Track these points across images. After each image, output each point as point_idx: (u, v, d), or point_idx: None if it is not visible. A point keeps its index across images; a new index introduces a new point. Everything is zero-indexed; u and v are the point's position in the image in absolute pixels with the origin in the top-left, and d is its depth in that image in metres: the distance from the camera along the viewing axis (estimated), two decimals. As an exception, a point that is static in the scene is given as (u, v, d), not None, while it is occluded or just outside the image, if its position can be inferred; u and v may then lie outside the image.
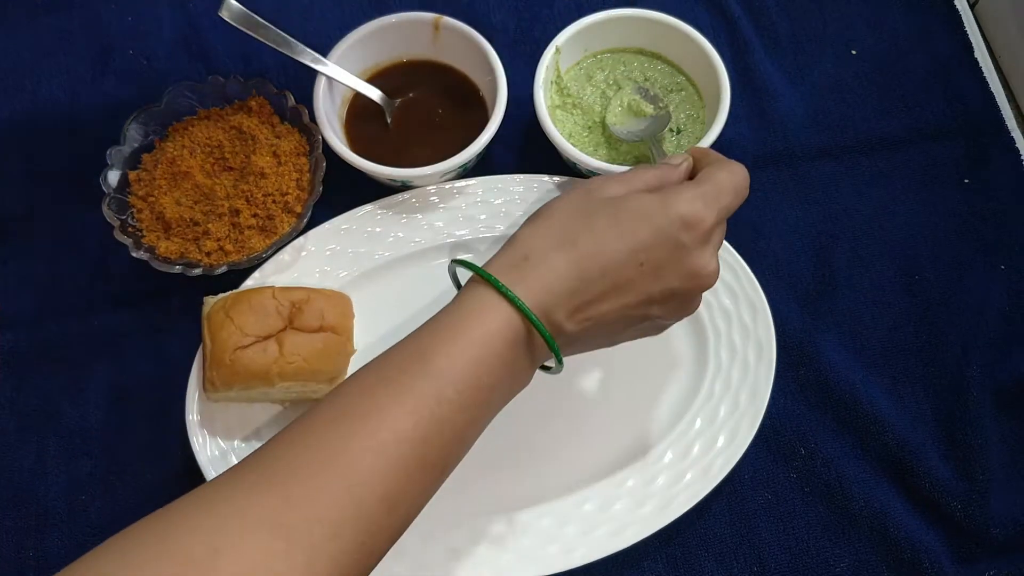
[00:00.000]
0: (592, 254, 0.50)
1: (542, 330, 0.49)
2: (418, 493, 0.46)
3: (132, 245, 0.64)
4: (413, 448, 0.45)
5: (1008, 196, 0.74)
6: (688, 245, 0.50)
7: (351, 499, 0.43)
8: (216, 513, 0.41)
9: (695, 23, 0.77)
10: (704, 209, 0.51)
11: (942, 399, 0.67)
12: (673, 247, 0.50)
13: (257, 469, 0.44)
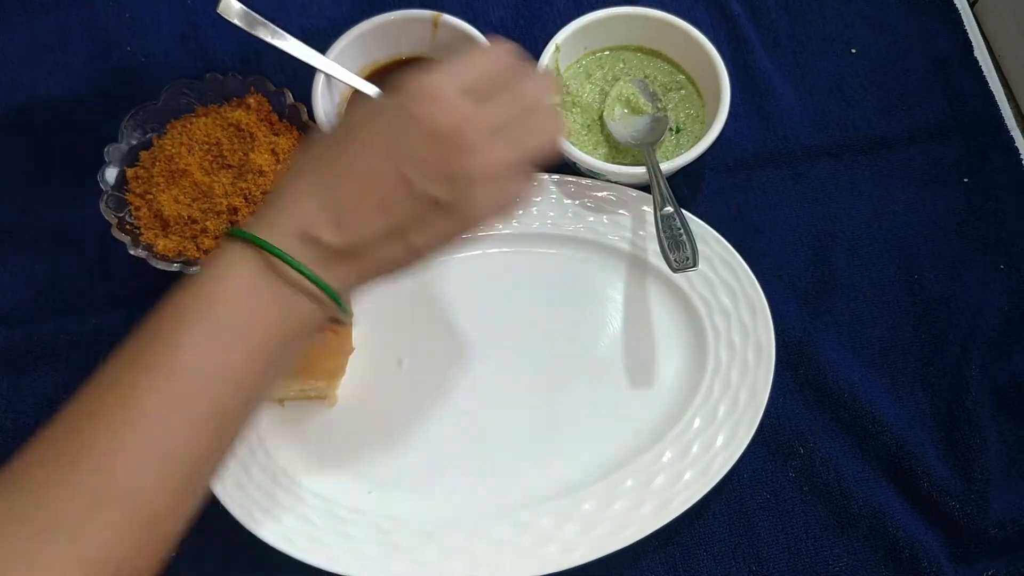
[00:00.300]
0: (343, 171, 0.46)
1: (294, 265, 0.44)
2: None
3: (130, 243, 0.64)
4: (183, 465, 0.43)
5: (1008, 195, 0.74)
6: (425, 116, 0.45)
7: None
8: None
9: (695, 21, 0.77)
10: (439, 76, 0.47)
11: (941, 399, 0.67)
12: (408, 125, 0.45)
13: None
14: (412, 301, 0.68)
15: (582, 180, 0.70)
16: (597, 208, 0.69)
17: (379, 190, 0.46)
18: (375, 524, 0.62)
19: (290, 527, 0.61)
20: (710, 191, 0.73)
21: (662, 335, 0.68)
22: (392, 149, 0.46)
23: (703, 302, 0.67)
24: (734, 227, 0.71)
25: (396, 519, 0.62)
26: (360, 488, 0.63)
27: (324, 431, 0.65)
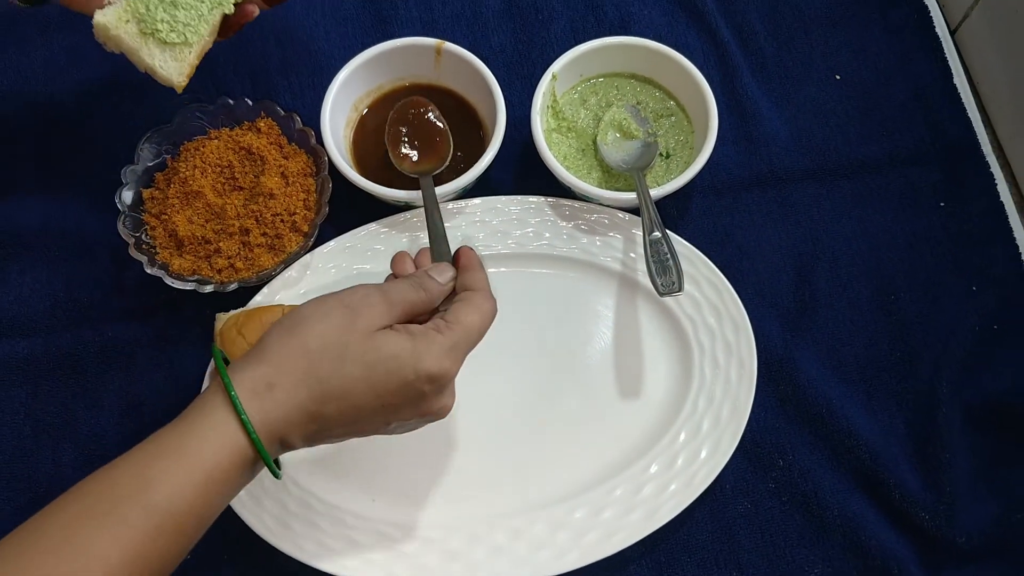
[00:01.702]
0: (338, 396, 0.51)
1: (272, 468, 0.51)
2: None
3: (147, 262, 0.68)
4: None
5: (982, 220, 0.77)
6: (429, 394, 0.53)
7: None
8: None
9: (686, 46, 0.81)
10: (451, 365, 0.53)
11: (914, 415, 0.71)
12: (415, 396, 0.53)
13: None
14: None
15: (576, 203, 0.73)
16: (590, 230, 0.73)
17: (361, 428, 0.54)
18: (379, 530, 0.65)
19: (299, 533, 0.64)
20: (697, 213, 0.77)
21: (650, 352, 0.71)
22: (392, 412, 0.53)
23: (689, 321, 0.71)
24: (720, 248, 0.75)
25: (399, 525, 0.66)
26: (365, 496, 0.67)
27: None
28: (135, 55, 0.61)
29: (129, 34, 0.60)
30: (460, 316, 0.55)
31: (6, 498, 0.68)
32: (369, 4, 0.84)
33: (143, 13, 0.60)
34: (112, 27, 0.60)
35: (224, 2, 0.62)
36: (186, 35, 0.61)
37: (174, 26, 0.61)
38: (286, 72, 0.81)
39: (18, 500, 0.68)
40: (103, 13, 0.60)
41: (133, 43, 0.60)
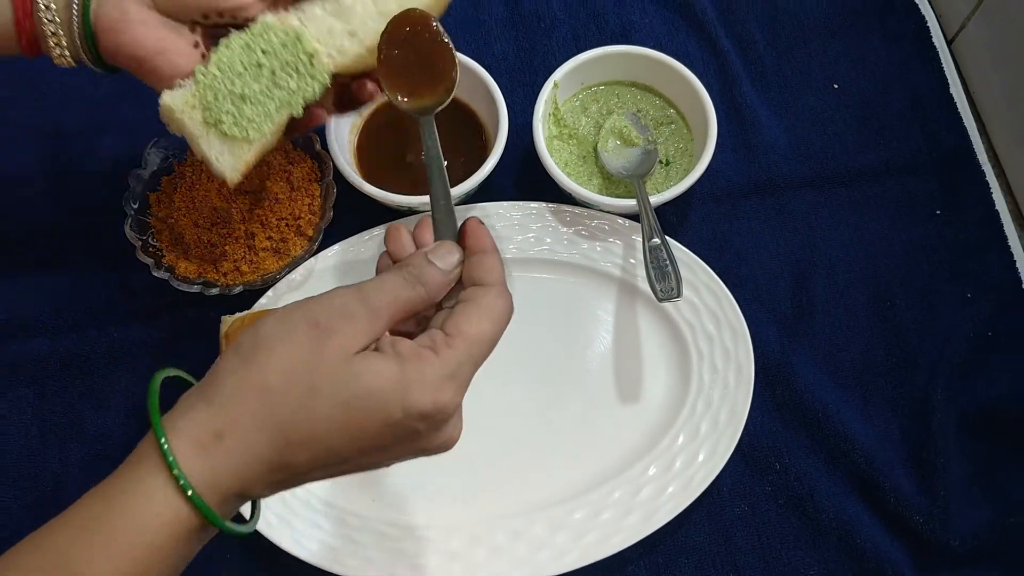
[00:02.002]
0: (306, 442, 0.42)
1: (231, 530, 0.43)
2: None
3: (153, 265, 0.69)
4: None
5: (977, 228, 0.78)
6: (424, 432, 0.44)
7: None
8: None
9: (686, 55, 0.82)
10: (452, 396, 0.43)
11: (909, 420, 0.72)
12: (406, 435, 0.43)
13: None
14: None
15: (577, 209, 0.74)
16: (591, 236, 0.74)
17: (340, 470, 0.44)
18: (380, 531, 0.66)
19: (301, 532, 0.65)
20: (697, 219, 0.78)
21: (650, 356, 0.72)
22: (378, 453, 0.44)
23: (688, 326, 0.72)
24: (719, 255, 0.76)
25: (400, 526, 0.67)
26: (366, 496, 0.68)
27: (333, 443, 0.69)
28: (194, 142, 0.58)
29: (192, 121, 0.57)
30: (464, 326, 0.44)
31: (13, 497, 0.69)
32: (374, 12, 0.85)
33: (210, 101, 0.57)
34: (177, 111, 0.57)
35: (293, 103, 0.58)
36: (248, 131, 0.58)
37: (238, 120, 0.57)
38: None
39: (25, 499, 0.69)
40: (171, 95, 0.57)
41: (195, 130, 0.57)
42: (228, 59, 0.57)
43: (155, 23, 0.57)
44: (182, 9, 0.57)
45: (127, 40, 0.56)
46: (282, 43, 0.57)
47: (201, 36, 0.59)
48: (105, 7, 0.56)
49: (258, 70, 0.57)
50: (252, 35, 0.57)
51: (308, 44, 0.57)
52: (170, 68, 0.57)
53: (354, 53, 0.58)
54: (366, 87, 0.60)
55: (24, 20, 0.56)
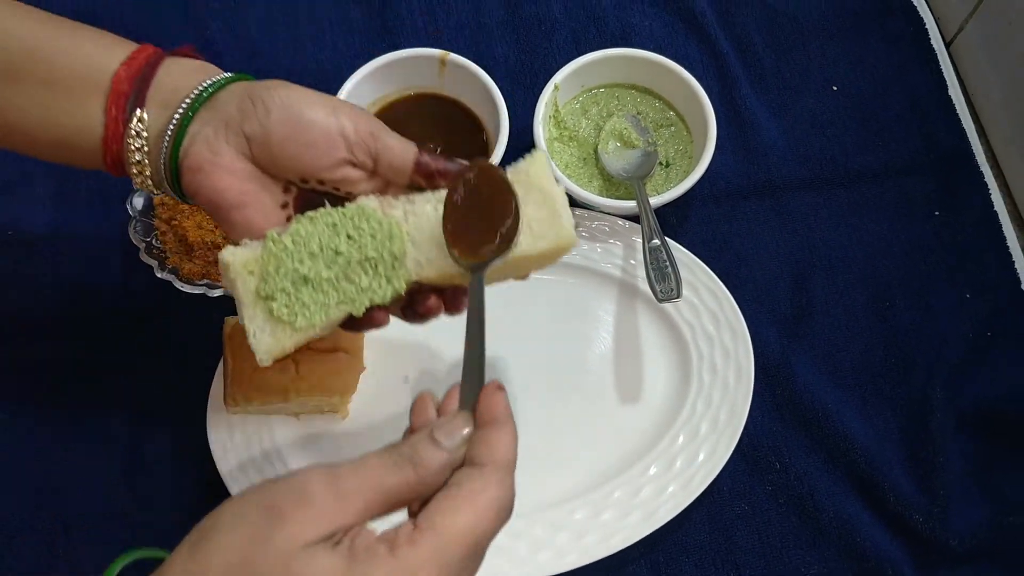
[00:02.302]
0: None
1: None
2: None
3: (157, 267, 0.69)
4: None
5: (975, 228, 0.78)
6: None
7: None
8: None
9: (686, 58, 0.82)
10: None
11: (908, 419, 0.72)
12: None
13: None
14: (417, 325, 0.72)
15: (577, 211, 0.74)
16: (591, 237, 0.74)
17: None
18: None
19: None
20: (696, 221, 0.78)
21: (650, 357, 0.73)
22: None
23: (688, 327, 0.72)
24: (718, 256, 0.76)
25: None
26: (369, 497, 0.68)
27: (336, 442, 0.70)
28: (239, 307, 0.52)
29: (245, 286, 0.51)
30: (438, 517, 0.37)
31: (16, 500, 0.69)
32: (375, 16, 0.86)
33: (270, 273, 0.51)
34: (233, 270, 0.51)
35: (358, 303, 0.52)
36: (297, 317, 0.51)
37: (291, 303, 0.51)
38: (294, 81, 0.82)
39: (28, 502, 0.69)
40: (233, 252, 0.51)
41: (244, 297, 0.51)
42: (306, 233, 0.51)
43: (244, 174, 0.53)
44: (281, 168, 0.53)
45: (209, 185, 0.52)
46: (371, 233, 0.52)
47: (293, 198, 0.54)
48: (197, 145, 0.52)
49: (334, 256, 0.51)
50: (343, 216, 0.52)
51: (399, 244, 0.52)
52: (245, 225, 0.53)
53: (444, 268, 0.52)
54: (429, 301, 0.54)
55: (112, 142, 0.53)
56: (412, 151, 0.54)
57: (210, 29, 0.85)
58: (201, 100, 0.52)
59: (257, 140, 0.52)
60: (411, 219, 0.52)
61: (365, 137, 0.53)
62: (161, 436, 0.71)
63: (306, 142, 0.52)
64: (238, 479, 0.66)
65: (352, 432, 0.70)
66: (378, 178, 0.54)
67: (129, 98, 0.52)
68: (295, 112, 0.52)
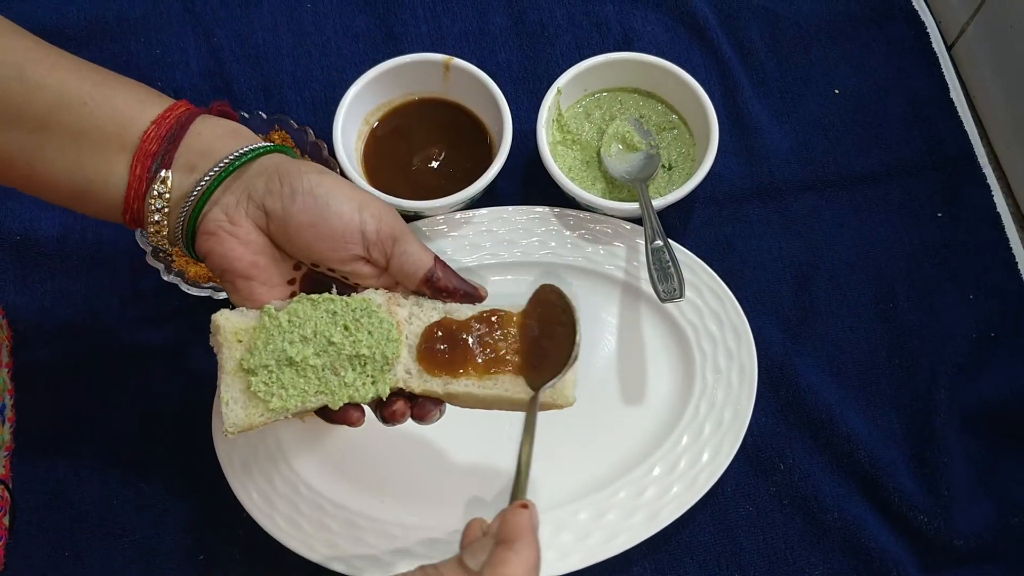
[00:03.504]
0: None
1: None
2: None
3: (163, 270, 0.70)
4: None
5: (978, 229, 0.79)
6: None
7: None
8: None
9: (689, 63, 0.83)
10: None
11: (912, 420, 0.72)
12: None
13: None
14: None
15: (581, 213, 0.75)
16: (594, 239, 0.75)
17: None
18: (388, 531, 0.67)
19: (310, 533, 0.66)
20: (700, 223, 0.79)
21: (653, 358, 0.73)
22: None
23: (691, 327, 0.72)
24: (722, 257, 0.76)
25: (406, 527, 0.67)
26: (374, 498, 0.68)
27: (341, 446, 0.70)
28: (219, 373, 0.52)
29: (229, 352, 0.52)
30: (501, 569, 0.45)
31: (27, 499, 0.70)
32: (380, 21, 0.86)
33: (258, 347, 0.51)
34: (221, 335, 0.52)
35: (336, 397, 0.52)
36: (272, 397, 0.51)
37: (269, 381, 0.51)
38: (299, 87, 0.84)
39: (38, 500, 0.70)
40: (226, 316, 0.52)
41: (226, 365, 0.52)
42: (304, 315, 0.51)
43: (258, 247, 0.53)
44: (295, 251, 0.54)
45: (220, 252, 0.53)
46: (369, 330, 0.51)
47: (301, 276, 0.55)
48: (216, 210, 0.52)
49: (327, 345, 0.51)
50: (345, 305, 0.52)
51: (395, 349, 0.52)
52: (248, 294, 0.53)
53: (432, 384, 0.53)
54: (395, 405, 0.54)
55: (134, 200, 0.53)
56: (428, 262, 0.54)
57: (216, 36, 0.86)
58: (229, 171, 0.52)
59: (276, 219, 0.52)
60: (415, 322, 0.53)
61: (385, 239, 0.54)
62: (167, 436, 0.71)
63: (324, 233, 0.52)
64: (242, 479, 0.67)
65: (357, 436, 0.69)
66: (388, 277, 0.55)
67: (156, 158, 0.52)
68: (321, 202, 0.52)
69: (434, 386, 0.53)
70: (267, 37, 0.86)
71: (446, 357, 0.53)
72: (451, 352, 0.53)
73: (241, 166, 0.52)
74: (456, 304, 0.55)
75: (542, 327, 0.55)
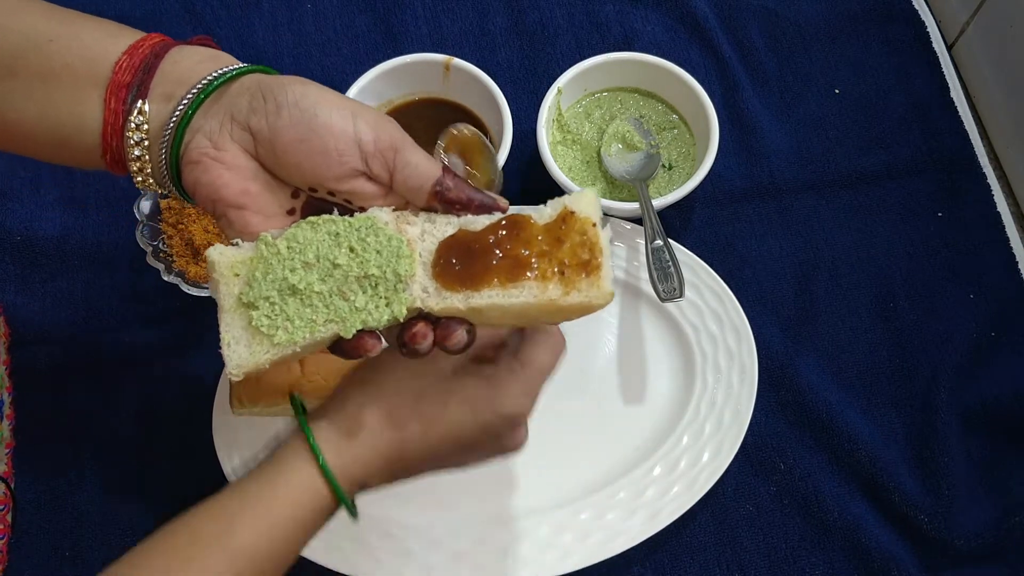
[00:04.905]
0: (417, 439, 0.51)
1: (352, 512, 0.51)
2: None
3: (164, 270, 0.70)
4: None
5: (979, 229, 0.79)
6: (505, 434, 0.52)
7: None
8: None
9: (688, 62, 0.83)
10: (529, 404, 0.52)
11: (912, 419, 0.72)
12: (493, 436, 0.52)
13: None
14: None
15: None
16: (595, 239, 0.75)
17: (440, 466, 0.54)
18: (388, 531, 0.67)
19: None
20: (700, 223, 0.79)
21: (654, 358, 0.73)
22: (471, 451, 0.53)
23: (692, 328, 0.72)
24: (722, 257, 0.76)
25: (407, 527, 0.67)
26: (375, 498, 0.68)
27: (340, 444, 0.70)
28: (219, 312, 0.48)
29: (227, 288, 0.47)
30: (533, 356, 0.53)
31: (29, 499, 0.70)
32: (380, 21, 0.86)
33: (256, 278, 0.47)
34: (216, 271, 0.47)
35: (348, 324, 0.47)
36: (277, 331, 0.47)
37: (272, 314, 0.47)
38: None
39: (40, 499, 0.70)
40: (220, 250, 0.48)
41: (224, 301, 0.47)
42: (304, 240, 0.47)
43: (247, 172, 0.49)
44: (287, 174, 0.49)
45: (207, 180, 0.48)
46: (377, 249, 0.47)
47: (301, 205, 0.50)
48: (199, 138, 0.48)
49: (331, 268, 0.47)
50: (348, 225, 0.47)
51: (407, 265, 0.47)
52: (242, 226, 0.49)
53: (451, 301, 0.47)
54: (416, 327, 0.48)
55: (111, 137, 0.49)
56: (435, 172, 0.49)
57: (216, 36, 0.86)
58: (208, 91, 0.48)
59: (263, 139, 0.48)
60: (428, 240, 0.48)
61: (384, 149, 0.48)
62: (167, 436, 0.71)
63: (316, 148, 0.47)
64: (244, 480, 0.67)
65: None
66: (395, 196, 0.50)
67: (130, 89, 0.48)
68: (308, 114, 0.47)
69: (455, 302, 0.47)
70: (267, 37, 0.86)
71: (465, 270, 0.48)
72: (470, 264, 0.47)
73: (220, 86, 0.48)
74: (472, 216, 0.49)
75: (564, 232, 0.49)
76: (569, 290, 0.47)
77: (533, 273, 0.47)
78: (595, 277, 0.47)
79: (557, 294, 0.47)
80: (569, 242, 0.47)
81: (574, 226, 0.47)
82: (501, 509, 0.68)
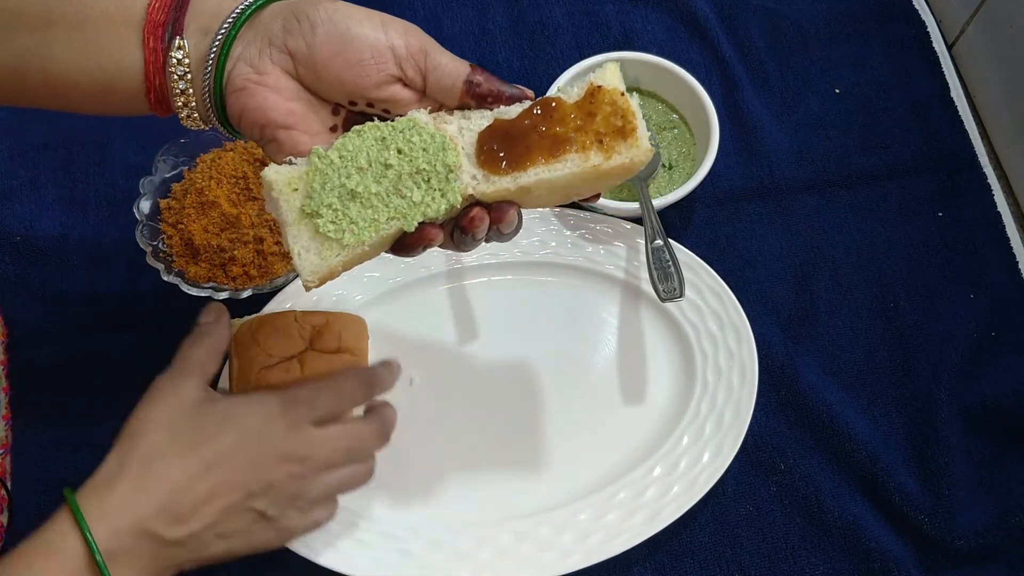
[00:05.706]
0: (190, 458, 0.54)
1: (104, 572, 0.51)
2: None
3: (164, 270, 0.70)
4: None
5: (979, 229, 0.79)
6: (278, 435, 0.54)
7: None
8: None
9: (689, 62, 0.82)
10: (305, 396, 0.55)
11: (913, 419, 0.72)
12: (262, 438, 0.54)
13: None
14: (422, 325, 0.73)
15: (581, 213, 0.75)
16: (594, 239, 0.75)
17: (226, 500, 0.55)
18: (388, 531, 0.67)
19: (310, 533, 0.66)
20: (700, 223, 0.79)
21: (654, 358, 0.73)
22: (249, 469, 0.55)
23: (692, 328, 0.72)
24: (722, 257, 0.76)
25: (407, 527, 0.67)
26: (374, 498, 0.68)
27: (340, 444, 0.70)
28: (283, 228, 0.51)
29: (288, 205, 0.50)
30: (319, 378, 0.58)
31: (29, 500, 0.69)
32: (380, 21, 0.86)
33: (315, 190, 0.49)
34: (276, 189, 0.50)
35: (409, 218, 0.50)
36: (345, 234, 0.50)
37: (338, 219, 0.50)
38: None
39: (39, 501, 0.69)
40: (276, 170, 0.50)
41: (287, 216, 0.50)
42: (354, 148, 0.50)
43: (290, 93, 0.51)
44: (328, 89, 0.51)
45: (254, 105, 0.50)
46: (423, 147, 0.50)
47: (342, 120, 0.53)
48: (240, 65, 0.50)
49: (384, 170, 0.50)
50: (392, 129, 0.50)
51: (453, 156, 0.50)
52: (291, 146, 0.51)
53: (501, 184, 0.50)
54: (473, 212, 0.51)
55: (154, 76, 0.51)
56: (464, 70, 0.52)
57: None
58: (243, 20, 0.50)
59: (302, 58, 0.50)
60: (466, 135, 0.51)
61: (415, 53, 0.51)
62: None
63: (353, 59, 0.50)
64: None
65: (357, 434, 0.70)
66: (429, 100, 0.53)
67: (166, 27, 0.50)
68: (341, 28, 0.50)
69: (504, 184, 0.50)
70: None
71: (508, 153, 0.51)
72: (512, 147, 0.51)
73: (252, 14, 0.51)
74: (504, 108, 0.52)
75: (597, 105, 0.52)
76: (610, 155, 0.50)
77: (574, 146, 0.51)
78: (633, 139, 0.50)
79: (599, 160, 0.50)
80: (601, 114, 0.50)
81: (603, 99, 0.50)
82: (501, 510, 0.68)
